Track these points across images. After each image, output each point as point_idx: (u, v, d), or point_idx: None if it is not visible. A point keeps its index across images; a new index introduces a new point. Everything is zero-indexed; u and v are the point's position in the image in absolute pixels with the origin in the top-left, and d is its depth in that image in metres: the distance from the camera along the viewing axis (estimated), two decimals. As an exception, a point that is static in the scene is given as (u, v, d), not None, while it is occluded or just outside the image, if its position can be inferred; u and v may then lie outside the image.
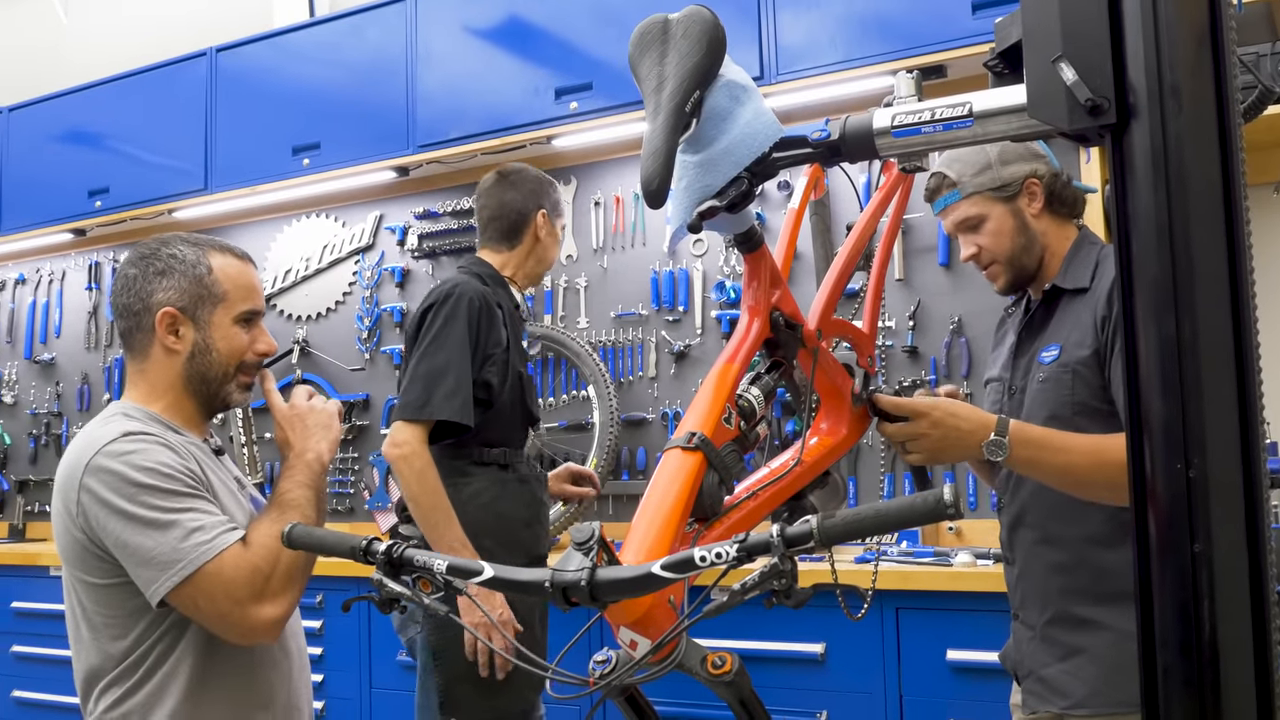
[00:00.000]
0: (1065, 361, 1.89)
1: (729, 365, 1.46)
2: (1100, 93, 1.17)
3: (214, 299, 1.79)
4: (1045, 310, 2.00)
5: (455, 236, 4.24)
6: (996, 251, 2.01)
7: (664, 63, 1.38)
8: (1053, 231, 2.01)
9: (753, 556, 1.05)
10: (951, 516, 0.99)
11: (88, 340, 5.11)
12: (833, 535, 1.03)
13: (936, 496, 0.99)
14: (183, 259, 1.80)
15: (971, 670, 2.65)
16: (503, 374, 2.56)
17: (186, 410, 1.82)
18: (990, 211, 2.00)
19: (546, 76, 3.75)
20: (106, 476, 1.65)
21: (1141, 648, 1.17)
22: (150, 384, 1.80)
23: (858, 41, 3.24)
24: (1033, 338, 2.01)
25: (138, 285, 1.80)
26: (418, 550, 1.23)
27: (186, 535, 1.64)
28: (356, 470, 4.38)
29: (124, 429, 1.70)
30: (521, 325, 2.73)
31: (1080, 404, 1.86)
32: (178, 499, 1.66)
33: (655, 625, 1.21)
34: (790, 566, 1.03)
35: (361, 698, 3.59)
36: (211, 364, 1.79)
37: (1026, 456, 1.76)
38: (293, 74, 4.33)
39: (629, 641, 1.21)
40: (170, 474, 1.67)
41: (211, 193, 4.46)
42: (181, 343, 1.79)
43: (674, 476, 1.31)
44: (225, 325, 1.80)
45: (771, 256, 1.56)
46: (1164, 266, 1.13)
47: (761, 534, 1.05)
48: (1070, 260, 1.98)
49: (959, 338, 3.29)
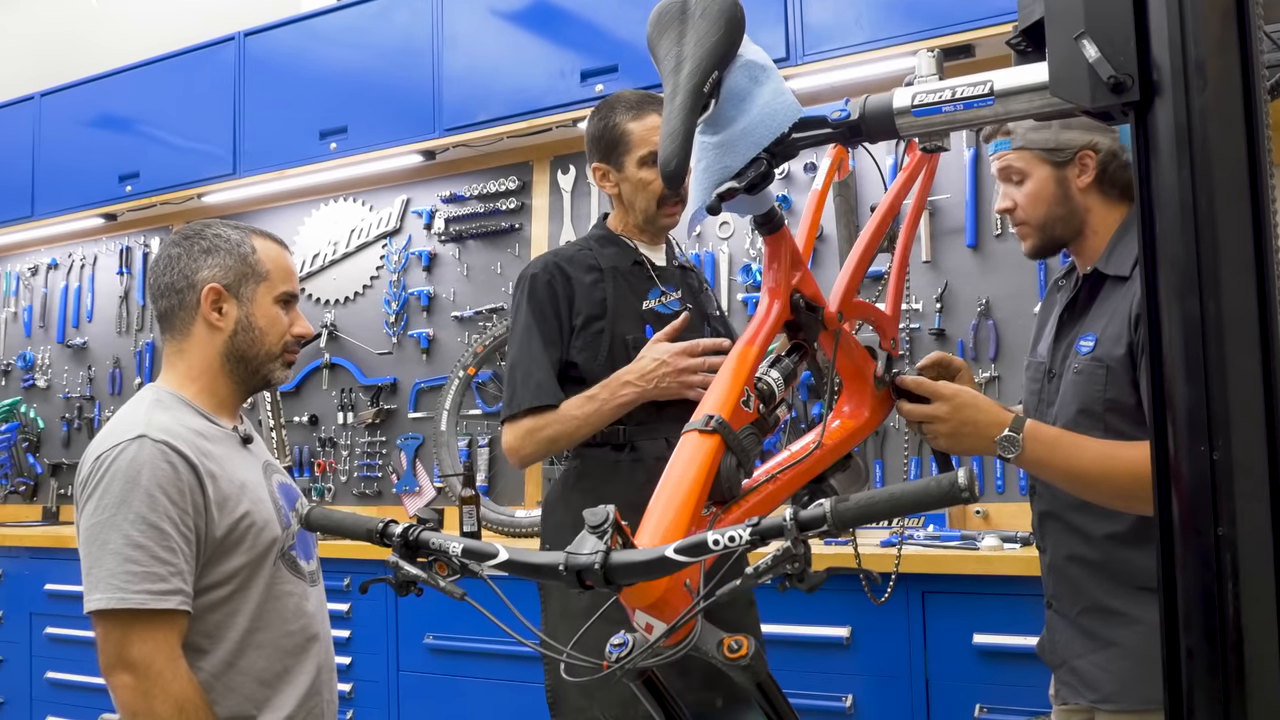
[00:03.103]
0: (1100, 356, 1.82)
1: (748, 347, 1.45)
2: (1123, 70, 1.15)
3: (257, 277, 1.83)
4: (1088, 293, 1.91)
5: (481, 220, 4.24)
6: (1030, 213, 1.92)
7: (682, 43, 1.37)
8: (1098, 209, 1.90)
9: (766, 540, 1.05)
10: (966, 500, 0.98)
11: (119, 325, 5.15)
12: (846, 519, 1.02)
13: (951, 480, 0.98)
14: (227, 238, 1.84)
15: (999, 654, 2.62)
16: (595, 346, 2.36)
17: (221, 393, 1.85)
18: (1035, 171, 1.90)
19: (572, 59, 3.74)
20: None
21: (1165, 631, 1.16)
22: (188, 364, 1.83)
23: (884, 21, 3.20)
24: (1074, 321, 1.93)
25: (182, 263, 1.83)
26: (433, 533, 1.23)
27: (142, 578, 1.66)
28: (384, 455, 4.39)
29: (144, 428, 1.72)
30: (651, 283, 2.42)
31: (1112, 401, 1.80)
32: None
33: (671, 608, 1.21)
34: (804, 550, 1.03)
35: (389, 681, 3.61)
36: (253, 341, 1.83)
37: (1038, 456, 1.73)
38: (320, 58, 4.33)
39: (645, 625, 1.21)
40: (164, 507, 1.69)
41: (240, 177, 4.48)
42: (225, 320, 1.83)
43: (690, 459, 1.31)
44: (267, 304, 1.84)
45: (792, 238, 1.55)
46: (1188, 246, 1.11)
47: (775, 518, 1.04)
48: (1115, 243, 1.88)
49: (986, 320, 3.25)
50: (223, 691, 1.74)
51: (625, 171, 2.39)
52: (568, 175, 4.06)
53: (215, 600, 1.74)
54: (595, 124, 2.44)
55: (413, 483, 4.27)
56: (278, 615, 1.80)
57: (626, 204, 2.43)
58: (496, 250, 4.23)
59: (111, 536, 1.65)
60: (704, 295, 2.53)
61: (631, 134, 2.38)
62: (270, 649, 1.79)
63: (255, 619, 1.77)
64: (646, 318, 2.36)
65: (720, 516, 1.35)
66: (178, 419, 1.76)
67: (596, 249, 2.44)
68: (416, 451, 4.30)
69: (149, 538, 1.65)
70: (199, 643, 1.73)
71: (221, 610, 1.75)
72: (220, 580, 1.75)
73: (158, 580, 1.65)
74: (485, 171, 4.26)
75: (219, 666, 1.74)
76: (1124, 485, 1.69)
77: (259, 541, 1.78)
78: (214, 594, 1.74)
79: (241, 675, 1.75)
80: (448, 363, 4.25)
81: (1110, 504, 1.75)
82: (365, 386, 4.43)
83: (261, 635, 1.78)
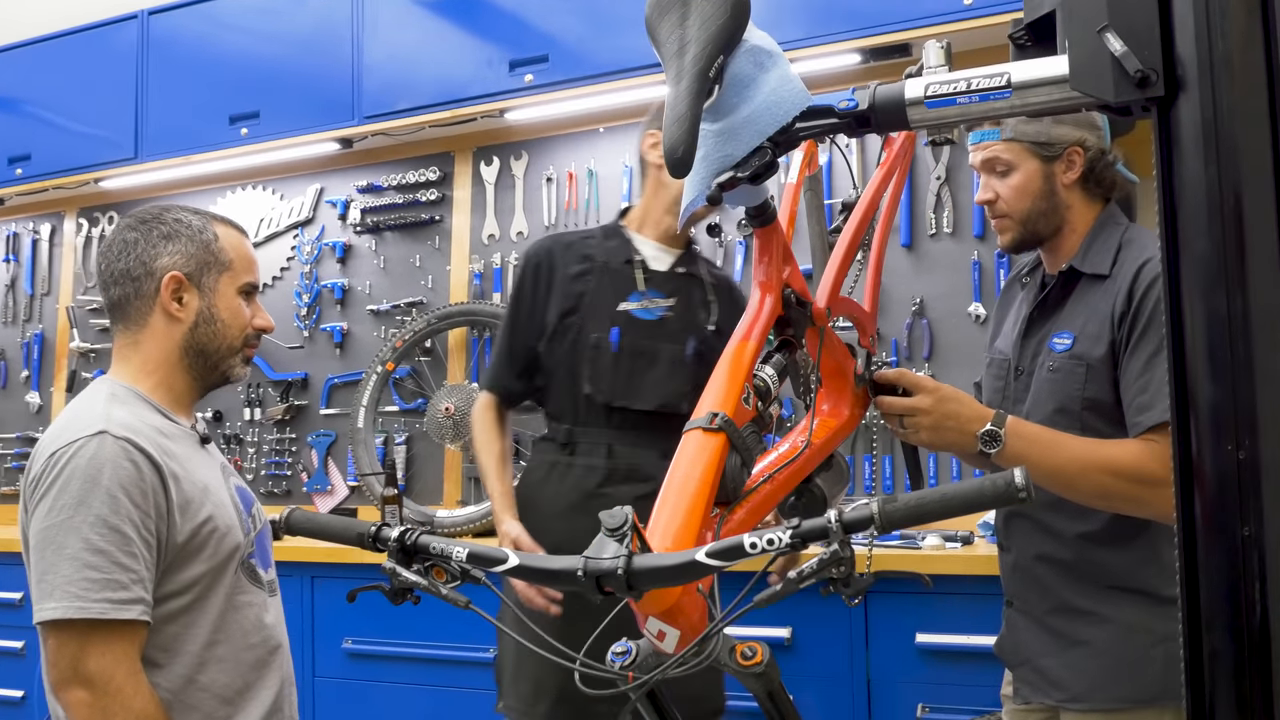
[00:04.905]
0: (1079, 354, 1.82)
1: (743, 343, 1.40)
2: (1148, 64, 1.13)
3: (220, 266, 1.72)
4: (1061, 290, 1.91)
5: (400, 211, 4.12)
6: (1013, 207, 1.91)
7: (685, 25, 1.32)
8: (1079, 206, 1.90)
9: (807, 543, 1.00)
10: (1023, 500, 0.95)
11: (5, 314, 4.87)
12: (895, 519, 0.99)
13: (1007, 480, 0.95)
14: (188, 224, 1.73)
15: (941, 654, 2.63)
16: (561, 338, 2.33)
17: (178, 389, 1.72)
18: (1023, 164, 1.89)
19: (500, 48, 3.65)
20: None
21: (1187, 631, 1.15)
22: (143, 357, 1.71)
23: (822, 19, 3.19)
24: (1045, 319, 1.93)
25: (139, 249, 1.71)
26: (434, 536, 1.16)
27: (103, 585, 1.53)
28: (294, 452, 4.24)
29: (104, 424, 1.60)
30: (634, 285, 2.35)
31: (1091, 399, 1.81)
32: None
33: (684, 615, 1.15)
34: (850, 553, 0.98)
35: (305, 686, 3.48)
36: (215, 334, 1.72)
37: (1019, 452, 1.71)
38: (231, 39, 4.15)
39: (657, 632, 1.16)
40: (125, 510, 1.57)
41: (141, 162, 4.27)
42: (185, 310, 1.71)
43: (696, 458, 1.25)
44: (230, 295, 1.73)
45: (783, 232, 1.51)
46: (1214, 242, 1.10)
47: (817, 519, 0.99)
48: (1091, 241, 1.89)
49: (920, 319, 3.27)
50: (182, 710, 1.61)
51: None
52: (491, 167, 3.97)
53: (173, 611, 1.62)
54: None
55: (324, 481, 4.13)
56: (238, 627, 1.69)
57: (663, 183, 2.35)
58: (415, 243, 4.11)
59: (69, 540, 1.52)
60: (705, 307, 2.43)
61: None
62: (231, 663, 1.67)
63: (215, 631, 1.66)
64: (618, 319, 2.32)
65: (727, 517, 1.30)
66: (137, 415, 1.64)
67: (599, 239, 2.42)
68: (329, 449, 4.16)
69: (110, 542, 1.52)
70: (155, 657, 1.60)
71: (179, 622, 1.62)
72: (179, 589, 1.62)
73: (119, 588, 1.52)
74: (404, 161, 4.13)
75: (177, 683, 1.62)
76: (1104, 483, 1.69)
77: (220, 548, 1.66)
78: (172, 604, 1.62)
79: (202, 692, 1.63)
80: (363, 357, 4.12)
81: (1089, 502, 1.75)
82: (274, 381, 4.27)
83: (221, 649, 1.66)
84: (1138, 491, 1.69)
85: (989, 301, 3.19)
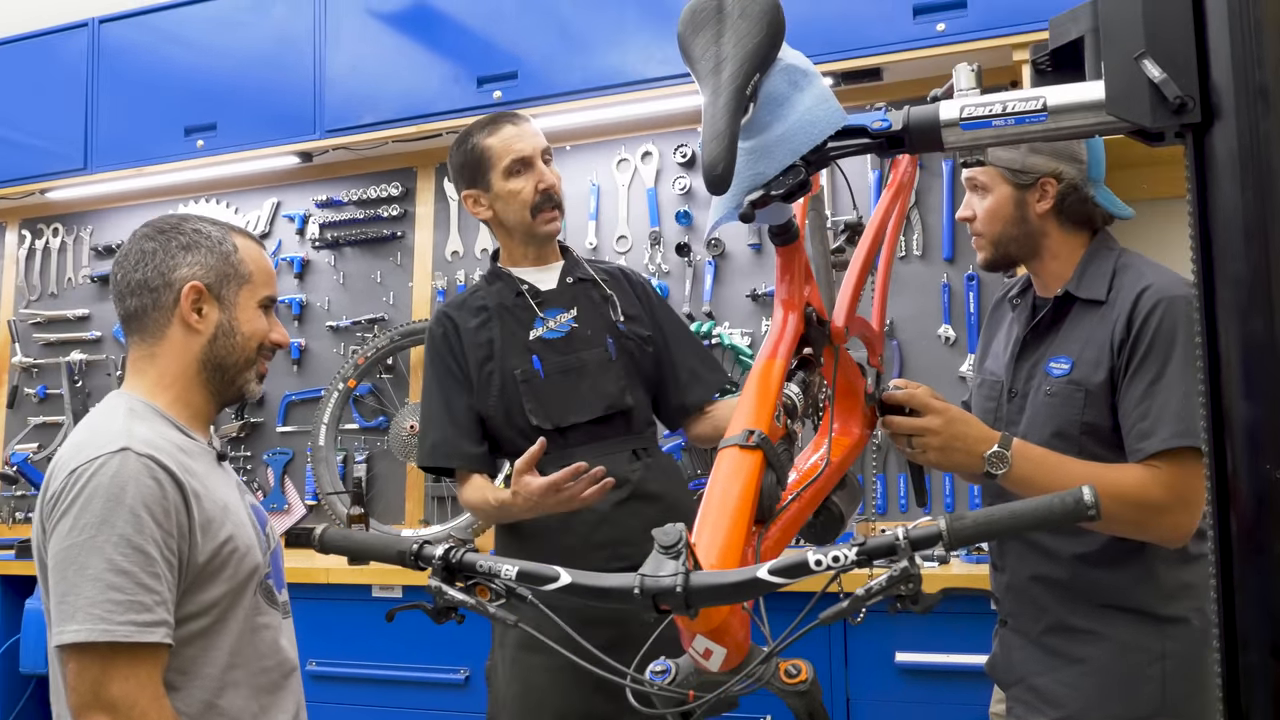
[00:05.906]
0: (1077, 380, 1.84)
1: (771, 361, 1.40)
2: (1185, 91, 1.15)
3: (240, 279, 1.67)
4: (1055, 314, 1.92)
5: (361, 226, 4.07)
6: (986, 228, 1.95)
7: (720, 42, 1.32)
8: (1056, 235, 1.92)
9: (873, 560, 1.00)
10: (1092, 518, 0.96)
11: (-55, 328, 4.73)
12: (963, 537, 0.99)
13: (1076, 497, 0.96)
14: (208, 234, 1.69)
15: (921, 673, 2.65)
16: (487, 386, 2.35)
17: (195, 404, 1.67)
18: (996, 188, 1.93)
19: (467, 64, 3.63)
20: None
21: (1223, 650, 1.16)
22: (160, 370, 1.66)
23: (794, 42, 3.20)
24: (1039, 342, 1.94)
25: (158, 259, 1.66)
26: (477, 554, 1.14)
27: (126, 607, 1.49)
28: (249, 470, 4.15)
29: (126, 440, 1.55)
30: (532, 313, 2.38)
31: (1089, 425, 1.82)
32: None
33: (730, 634, 1.15)
34: (918, 570, 0.99)
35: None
36: (234, 347, 1.67)
37: (1025, 474, 1.73)
38: (187, 49, 4.08)
39: (703, 650, 1.15)
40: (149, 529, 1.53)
41: (92, 173, 4.18)
42: (204, 322, 1.66)
43: (734, 475, 1.25)
44: (250, 308, 1.68)
45: (805, 251, 1.51)
46: (1249, 265, 1.12)
47: (883, 536, 1.00)
48: (1084, 267, 1.90)
49: (890, 341, 3.30)
50: None
51: (494, 188, 2.39)
52: (455, 183, 3.94)
53: (192, 633, 1.57)
54: (456, 155, 2.45)
55: (281, 500, 4.05)
56: (255, 650, 1.65)
57: (503, 225, 2.43)
58: (376, 258, 4.07)
59: (91, 560, 1.47)
60: (608, 306, 2.45)
61: (491, 149, 2.39)
62: (248, 687, 1.63)
63: (234, 654, 1.61)
64: (534, 348, 2.36)
65: (764, 534, 1.30)
66: (157, 431, 1.59)
67: (485, 288, 2.45)
68: (285, 467, 4.09)
69: (134, 562, 1.47)
70: (173, 680, 1.55)
71: (197, 644, 1.58)
72: (199, 611, 1.58)
73: (143, 610, 1.47)
74: (365, 176, 4.09)
75: (196, 707, 1.57)
76: (1107, 508, 1.70)
77: (240, 569, 1.62)
78: (191, 625, 1.57)
79: (220, 717, 1.58)
80: (321, 374, 4.06)
81: (1089, 526, 1.77)
82: (228, 398, 4.18)
83: (239, 673, 1.61)
84: (1140, 516, 1.72)
85: (958, 324, 3.24)
